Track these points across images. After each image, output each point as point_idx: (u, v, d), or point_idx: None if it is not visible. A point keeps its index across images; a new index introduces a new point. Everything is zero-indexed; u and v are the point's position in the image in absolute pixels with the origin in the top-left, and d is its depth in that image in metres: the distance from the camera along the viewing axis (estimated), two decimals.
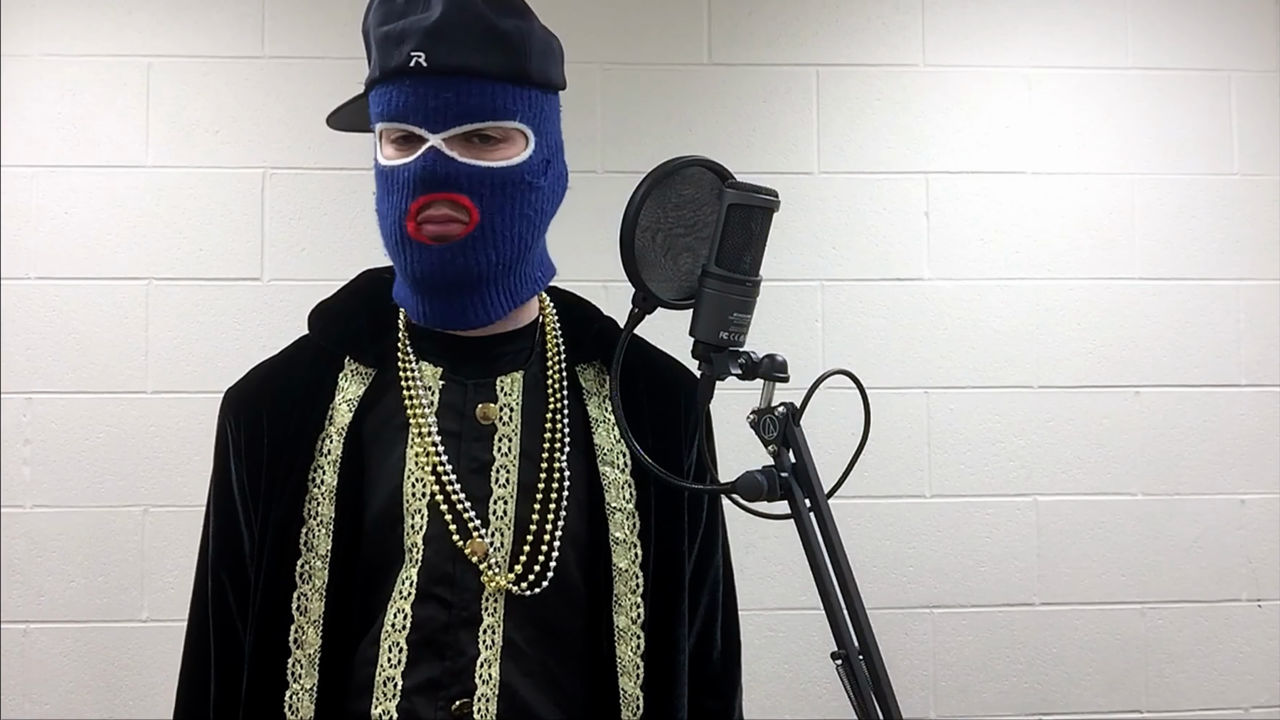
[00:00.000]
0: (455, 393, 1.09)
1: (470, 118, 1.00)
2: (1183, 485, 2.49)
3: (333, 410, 1.08)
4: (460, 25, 0.99)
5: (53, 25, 2.38)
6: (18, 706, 2.27)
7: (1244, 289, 2.53)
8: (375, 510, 1.05)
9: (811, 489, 0.95)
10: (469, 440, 1.07)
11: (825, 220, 2.48)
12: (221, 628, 1.09)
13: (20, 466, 2.32)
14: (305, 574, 1.04)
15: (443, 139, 1.00)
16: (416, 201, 1.01)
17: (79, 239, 2.35)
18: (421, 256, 1.02)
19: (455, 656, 1.02)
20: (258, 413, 1.10)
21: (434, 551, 1.03)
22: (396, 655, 1.02)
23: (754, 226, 0.97)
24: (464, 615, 1.03)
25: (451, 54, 0.99)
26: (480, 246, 1.03)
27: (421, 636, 1.02)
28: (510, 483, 1.06)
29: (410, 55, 0.98)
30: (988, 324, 2.49)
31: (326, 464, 1.05)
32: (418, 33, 0.99)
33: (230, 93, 2.40)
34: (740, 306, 0.98)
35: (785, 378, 0.98)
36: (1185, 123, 2.55)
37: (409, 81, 0.99)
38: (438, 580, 1.03)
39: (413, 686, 1.02)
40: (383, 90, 1.02)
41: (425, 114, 1.00)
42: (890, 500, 2.44)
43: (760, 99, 2.49)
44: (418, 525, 1.04)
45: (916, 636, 2.44)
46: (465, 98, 1.00)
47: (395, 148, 1.03)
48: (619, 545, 1.07)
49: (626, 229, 0.98)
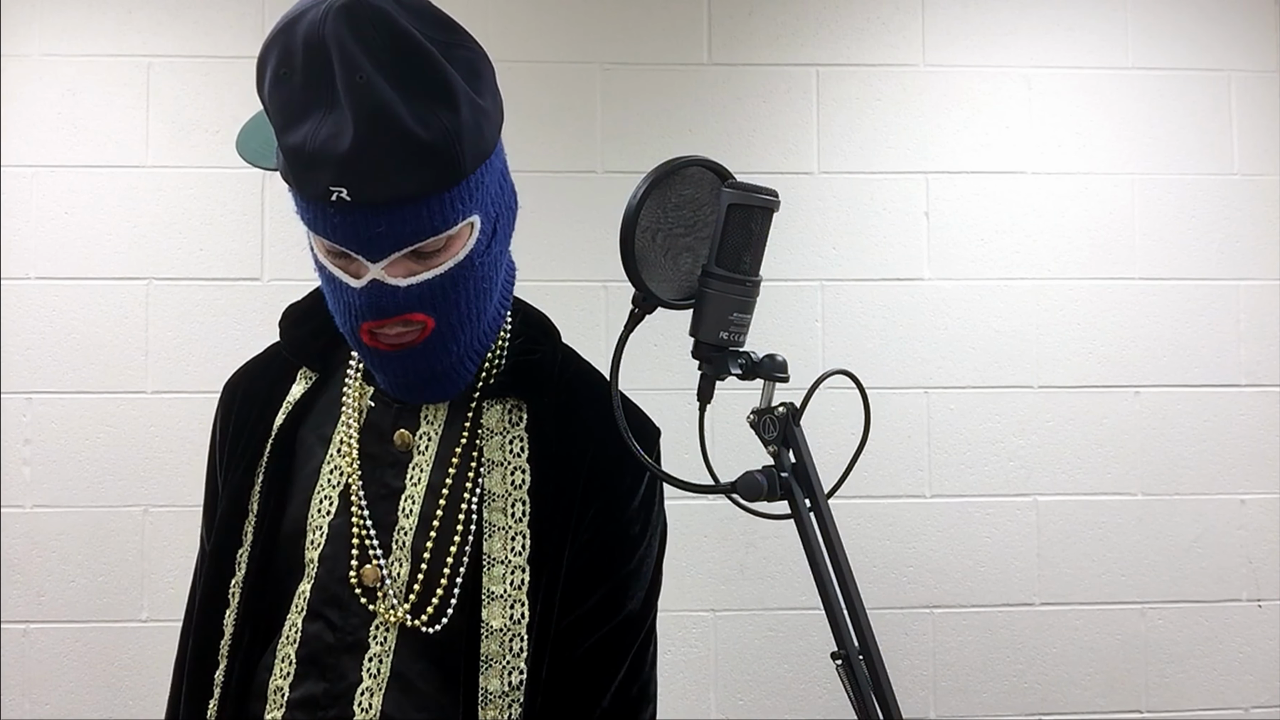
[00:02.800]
0: (381, 414, 1.07)
1: (408, 241, 0.93)
2: (1183, 485, 2.49)
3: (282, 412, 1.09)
4: (380, 149, 0.88)
5: (53, 25, 2.38)
6: (18, 706, 2.27)
7: (1244, 289, 2.53)
8: (289, 517, 1.04)
9: (811, 489, 0.95)
10: (384, 465, 1.05)
11: (825, 220, 2.48)
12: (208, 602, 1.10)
13: (20, 466, 2.31)
14: (240, 563, 1.05)
15: (383, 267, 0.94)
16: (367, 323, 0.97)
17: (79, 239, 2.35)
18: (383, 361, 1.01)
19: (336, 680, 1.00)
20: (233, 402, 1.14)
21: (327, 571, 1.02)
22: (287, 667, 1.01)
23: (754, 226, 0.97)
24: (349, 640, 1.01)
25: (376, 188, 0.89)
26: (439, 345, 1.01)
27: (308, 653, 1.01)
28: (413, 513, 1.02)
29: (330, 190, 0.89)
30: (988, 324, 2.49)
31: (265, 463, 1.06)
32: (333, 164, 0.88)
33: (230, 93, 2.40)
34: (740, 306, 0.98)
35: (785, 378, 0.98)
36: (1185, 123, 2.55)
37: (333, 211, 0.91)
38: (327, 601, 1.01)
39: (296, 700, 1.01)
40: (304, 205, 0.94)
41: (359, 244, 0.93)
42: (890, 500, 2.44)
43: (760, 99, 2.49)
44: (316, 541, 1.02)
45: (916, 636, 2.44)
46: (399, 225, 0.91)
47: (331, 255, 0.98)
48: (492, 600, 1.00)
49: (626, 229, 0.98)
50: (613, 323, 2.34)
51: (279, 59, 0.90)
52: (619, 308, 2.34)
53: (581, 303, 2.35)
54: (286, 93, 0.90)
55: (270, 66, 0.91)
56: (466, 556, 1.01)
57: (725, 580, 2.38)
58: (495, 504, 1.03)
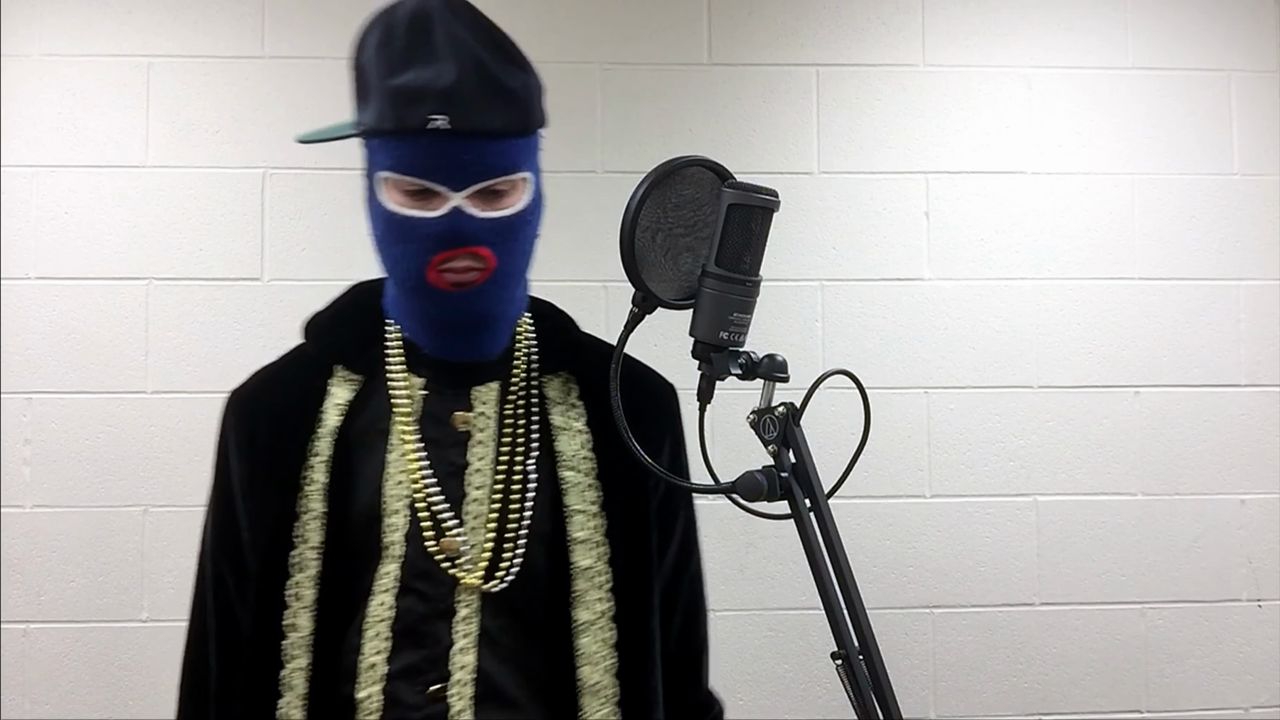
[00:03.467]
0: (436, 402, 1.16)
1: (488, 175, 1.07)
2: (1183, 485, 2.49)
3: (323, 413, 1.15)
4: (474, 87, 1.05)
5: (53, 25, 2.38)
6: (18, 706, 2.27)
7: (1244, 289, 2.53)
8: (359, 508, 1.12)
9: (811, 489, 0.95)
10: (446, 446, 1.15)
11: (825, 220, 2.48)
12: (221, 610, 1.16)
13: (20, 466, 2.32)
14: (298, 564, 1.11)
15: (464, 196, 1.07)
16: (440, 255, 1.08)
17: (79, 239, 2.35)
18: (442, 301, 1.11)
19: (432, 645, 1.10)
20: (256, 414, 1.18)
21: (413, 549, 1.11)
22: (380, 644, 1.09)
23: (754, 226, 0.97)
24: (440, 608, 1.11)
25: (469, 117, 1.05)
26: (494, 289, 1.12)
27: (403, 627, 1.10)
28: (483, 485, 1.14)
29: (429, 118, 1.03)
30: (988, 324, 2.49)
31: (317, 463, 1.13)
32: (435, 94, 1.04)
33: (230, 93, 2.40)
34: (740, 306, 0.98)
35: (785, 378, 0.99)
36: (1185, 123, 2.55)
37: (427, 141, 1.05)
38: (417, 575, 1.11)
39: (395, 672, 1.09)
40: (395, 145, 1.07)
41: (447, 173, 1.06)
42: (890, 500, 2.44)
43: (760, 99, 2.49)
44: (397, 524, 1.11)
45: (916, 636, 2.44)
46: (483, 157, 1.06)
47: (408, 197, 1.08)
48: (580, 544, 1.14)
49: (626, 229, 0.98)
50: (613, 323, 2.34)
51: (382, 32, 1.08)
52: (619, 308, 2.34)
53: (581, 303, 2.34)
54: (389, 54, 1.06)
55: (374, 36, 1.08)
56: (532, 517, 1.13)
57: (725, 580, 2.38)
58: (566, 463, 1.16)
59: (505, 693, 1.11)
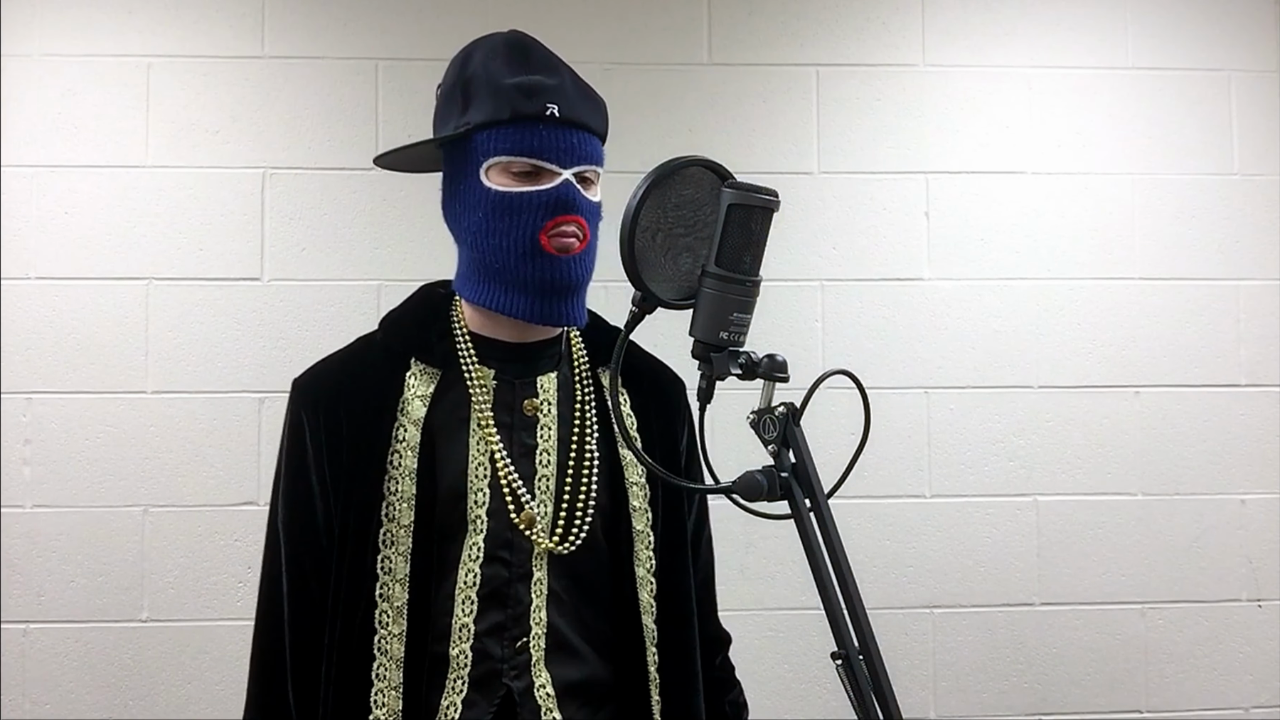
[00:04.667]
0: (506, 390, 1.31)
1: (587, 161, 1.26)
2: (1183, 485, 2.49)
3: (404, 403, 1.28)
4: (577, 92, 1.27)
5: (53, 25, 2.38)
6: (18, 706, 2.27)
7: (1244, 289, 2.53)
8: (445, 489, 1.26)
9: (811, 489, 0.95)
10: (518, 429, 1.29)
11: (825, 220, 2.48)
12: (295, 592, 1.27)
13: (20, 466, 2.32)
14: (388, 540, 1.25)
15: (571, 174, 1.24)
16: (554, 220, 1.23)
17: (79, 239, 2.35)
18: (550, 264, 1.24)
19: (514, 605, 1.25)
20: (335, 401, 1.29)
21: (496, 522, 1.26)
22: (469, 606, 1.24)
23: (754, 226, 0.97)
24: (520, 572, 1.26)
25: (574, 110, 1.25)
26: (586, 260, 1.28)
27: (489, 591, 1.25)
28: (551, 463, 1.29)
29: (546, 106, 1.23)
30: (988, 324, 2.49)
31: (404, 449, 1.26)
32: (547, 89, 1.24)
33: (230, 93, 2.40)
34: (740, 306, 0.98)
35: (785, 378, 0.99)
36: (1185, 123, 2.55)
37: (543, 127, 1.23)
38: (500, 545, 1.26)
39: (483, 630, 1.24)
40: (511, 131, 1.24)
41: (558, 153, 1.23)
42: (890, 500, 2.44)
43: (760, 99, 2.49)
44: (480, 500, 1.26)
45: (916, 636, 2.44)
46: (583, 145, 1.25)
47: (516, 179, 1.24)
48: (636, 512, 1.31)
49: (626, 229, 0.98)
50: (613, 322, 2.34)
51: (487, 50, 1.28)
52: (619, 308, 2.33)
53: None
54: (502, 63, 1.26)
55: (479, 53, 1.28)
56: (596, 490, 1.28)
57: (725, 580, 2.35)
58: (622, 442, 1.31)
59: (570, 644, 1.27)
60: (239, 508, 2.31)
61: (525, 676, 1.25)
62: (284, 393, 1.33)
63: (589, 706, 1.28)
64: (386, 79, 2.42)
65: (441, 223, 1.34)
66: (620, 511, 1.31)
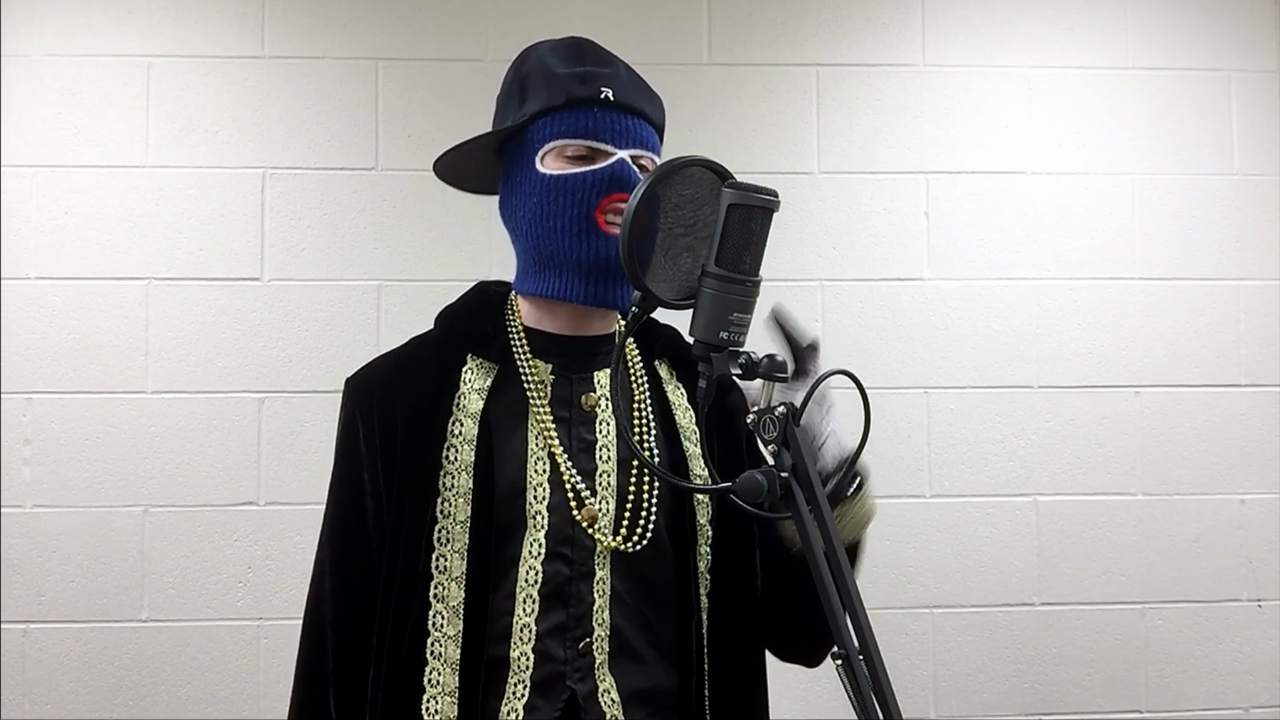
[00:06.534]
0: (563, 385, 1.27)
1: (642, 145, 1.25)
2: (1183, 485, 2.49)
3: (460, 398, 1.24)
4: (631, 81, 1.28)
5: (53, 25, 2.38)
6: (18, 706, 2.27)
7: (1244, 289, 2.53)
8: (503, 483, 1.21)
9: (812, 489, 0.95)
10: (576, 424, 1.26)
11: (825, 220, 2.48)
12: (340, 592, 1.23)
13: (20, 466, 2.32)
14: (443, 537, 1.20)
15: (627, 154, 1.23)
16: (609, 198, 1.21)
17: (79, 239, 2.35)
18: (606, 242, 1.21)
19: (577, 604, 1.20)
20: (390, 398, 1.26)
21: (557, 518, 1.21)
22: (530, 606, 1.19)
23: (754, 226, 0.97)
24: (582, 570, 1.21)
25: (630, 97, 1.26)
26: None
27: (550, 589, 1.19)
28: (611, 459, 1.25)
29: (601, 90, 1.24)
30: (988, 324, 2.49)
31: (460, 444, 1.22)
32: (603, 76, 1.25)
33: (230, 93, 2.40)
34: (740, 306, 0.98)
35: (785, 378, 0.99)
36: (1185, 123, 2.55)
37: (598, 109, 1.23)
38: (561, 542, 1.21)
39: (545, 631, 1.19)
40: (567, 115, 1.24)
41: (613, 134, 1.23)
42: (890, 500, 2.44)
43: (760, 99, 2.49)
44: (540, 496, 1.21)
45: (916, 636, 2.44)
46: (638, 130, 1.25)
47: (571, 162, 1.23)
48: (700, 506, 1.27)
49: (626, 229, 0.98)
50: None
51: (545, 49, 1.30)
52: None
53: None
54: (559, 58, 1.28)
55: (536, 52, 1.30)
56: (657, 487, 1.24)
57: None
58: (686, 435, 1.29)
59: (632, 646, 1.22)
60: (239, 508, 2.31)
61: (589, 680, 1.19)
62: (284, 392, 1.34)
63: (656, 717, 1.23)
64: (386, 79, 2.42)
65: (442, 222, 1.35)
66: (683, 508, 1.26)
